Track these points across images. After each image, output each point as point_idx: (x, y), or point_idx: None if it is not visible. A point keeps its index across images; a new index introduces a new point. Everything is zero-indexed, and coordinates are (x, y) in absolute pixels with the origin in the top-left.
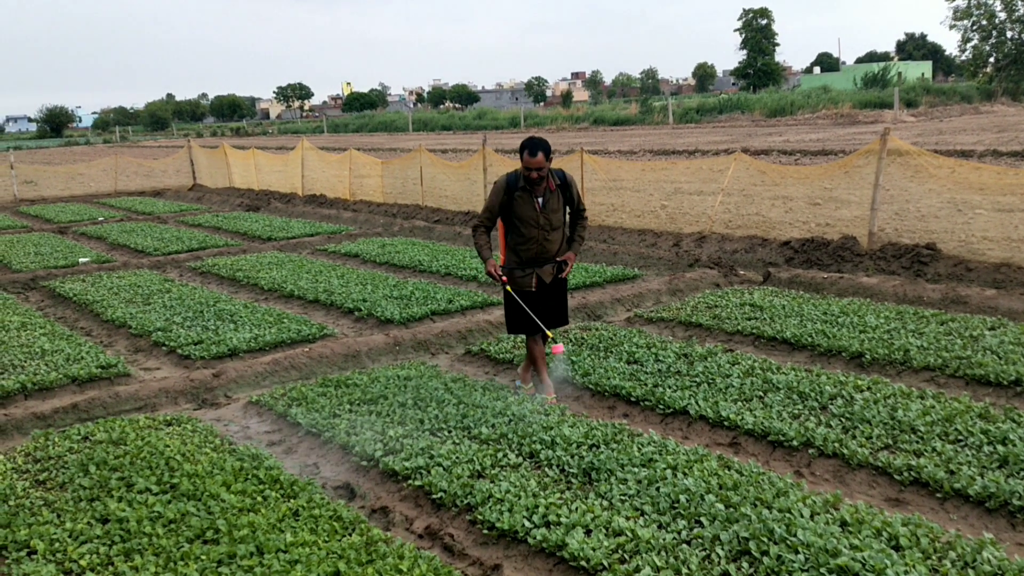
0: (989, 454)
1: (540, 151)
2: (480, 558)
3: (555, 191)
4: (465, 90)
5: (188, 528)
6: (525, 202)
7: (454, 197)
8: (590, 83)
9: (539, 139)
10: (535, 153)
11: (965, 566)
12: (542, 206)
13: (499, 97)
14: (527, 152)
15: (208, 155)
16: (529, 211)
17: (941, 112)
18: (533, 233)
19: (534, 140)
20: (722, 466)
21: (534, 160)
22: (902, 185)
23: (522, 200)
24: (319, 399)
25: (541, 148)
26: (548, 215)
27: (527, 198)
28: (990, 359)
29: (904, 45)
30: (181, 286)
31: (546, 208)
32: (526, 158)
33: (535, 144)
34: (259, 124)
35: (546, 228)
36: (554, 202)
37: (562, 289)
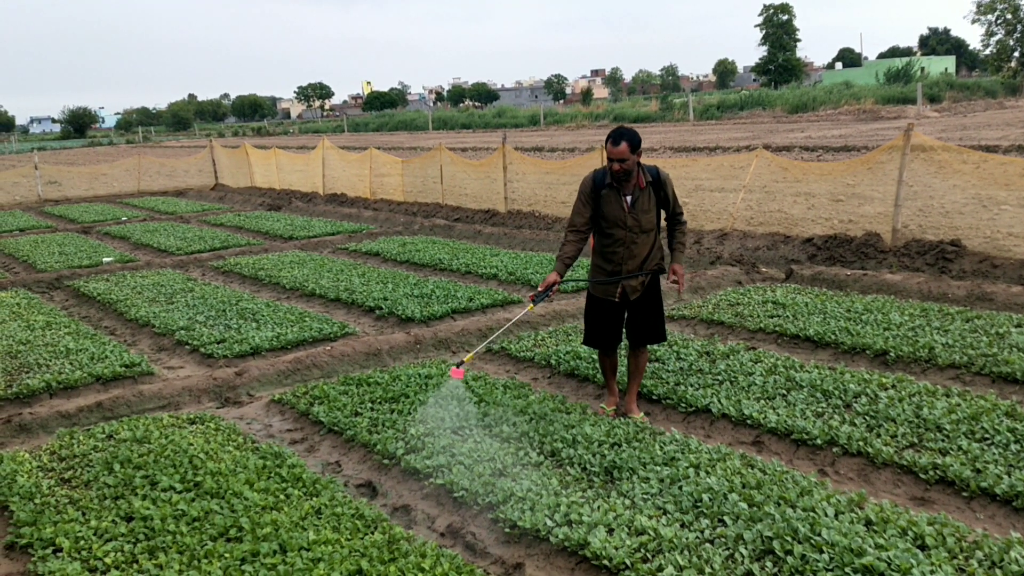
0: (1016, 453)
1: (624, 140)
2: (502, 556)
3: (645, 189)
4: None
5: (212, 526)
6: (612, 200)
7: (474, 196)
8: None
9: (626, 128)
10: (618, 142)
11: (992, 566)
12: (631, 205)
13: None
14: (609, 142)
15: (230, 155)
16: (616, 210)
17: (965, 107)
18: (620, 235)
19: (619, 129)
20: (745, 465)
21: (616, 150)
22: (926, 181)
23: (609, 198)
24: (341, 397)
25: (625, 137)
26: (637, 215)
27: (614, 196)
28: (1016, 357)
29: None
30: (204, 285)
31: (635, 207)
32: (608, 148)
33: (619, 133)
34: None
35: (635, 230)
36: (644, 201)
37: (655, 302)
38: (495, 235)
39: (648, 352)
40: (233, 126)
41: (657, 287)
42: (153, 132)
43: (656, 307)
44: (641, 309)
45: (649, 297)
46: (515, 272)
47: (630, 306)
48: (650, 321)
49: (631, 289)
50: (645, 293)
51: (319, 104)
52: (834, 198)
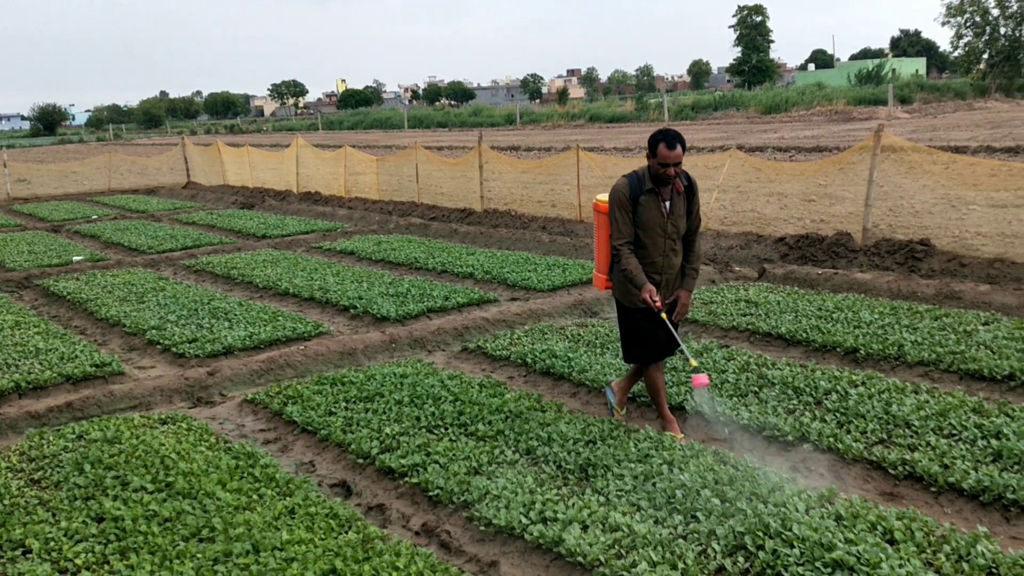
0: (983, 448)
1: (679, 144)
2: (477, 555)
3: (682, 194)
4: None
5: (184, 526)
6: (651, 207)
7: (450, 194)
8: (586, 80)
9: (675, 131)
10: (673, 146)
11: (959, 560)
12: (669, 211)
13: (495, 94)
14: (664, 145)
15: (202, 153)
16: (655, 216)
17: (935, 108)
18: (659, 243)
19: (671, 132)
20: (718, 461)
21: (672, 154)
22: (896, 181)
23: (648, 204)
24: (315, 397)
25: (680, 141)
26: (675, 221)
27: (654, 201)
28: (984, 354)
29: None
30: (175, 284)
31: (673, 213)
32: (663, 152)
33: (673, 136)
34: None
35: (673, 237)
36: (680, 207)
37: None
38: (471, 234)
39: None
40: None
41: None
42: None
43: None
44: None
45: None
46: (491, 271)
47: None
48: (678, 330)
49: (666, 292)
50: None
51: (293, 102)
52: (806, 198)
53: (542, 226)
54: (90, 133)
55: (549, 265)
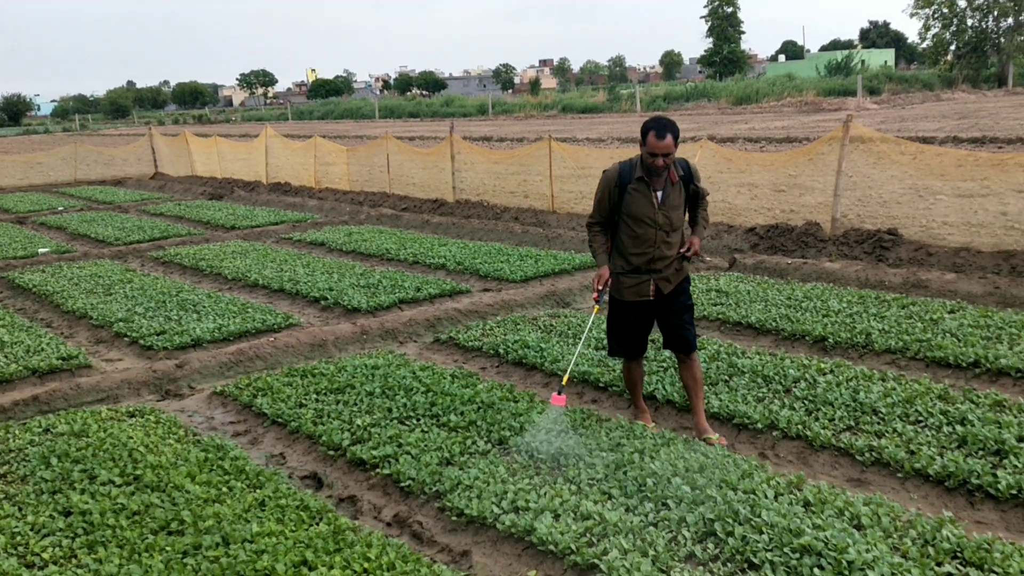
0: (948, 434)
1: (669, 133)
2: (449, 544)
3: (677, 184)
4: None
5: (152, 519)
6: (641, 196)
7: (422, 185)
8: (558, 71)
9: (667, 120)
10: (663, 135)
11: (925, 544)
12: (661, 201)
13: (467, 84)
14: (653, 133)
15: (170, 143)
16: (645, 207)
17: (903, 99)
18: (649, 234)
19: (662, 120)
20: (688, 449)
21: (662, 144)
22: (865, 172)
23: (637, 194)
24: (285, 389)
25: (671, 130)
26: (668, 212)
27: (644, 191)
28: (949, 342)
29: (867, 33)
30: (143, 276)
31: (666, 204)
32: (652, 141)
33: (664, 125)
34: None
35: (665, 228)
36: (675, 197)
37: (685, 304)
38: (443, 225)
39: (699, 359)
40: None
41: (688, 284)
42: (91, 120)
43: (690, 307)
44: (675, 307)
45: (681, 295)
46: (463, 262)
47: (663, 304)
48: (686, 321)
49: (664, 284)
50: (678, 287)
51: (262, 92)
52: (776, 188)
53: (514, 217)
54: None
55: (521, 256)
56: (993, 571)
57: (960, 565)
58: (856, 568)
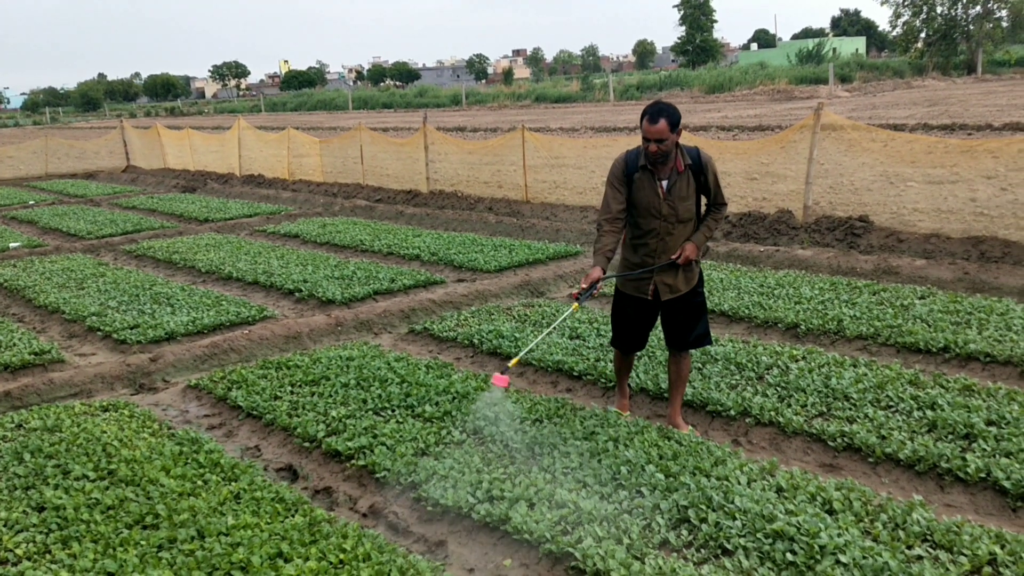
0: (919, 419)
1: (663, 117)
2: (425, 534)
3: (684, 173)
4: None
5: (127, 514)
6: (646, 185)
7: (396, 176)
8: (531, 60)
9: (664, 103)
10: (655, 119)
11: (896, 527)
12: (667, 191)
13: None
14: (647, 119)
15: (141, 136)
16: (650, 197)
17: (874, 87)
18: (653, 225)
19: (657, 104)
20: (662, 437)
21: (654, 128)
22: (836, 159)
23: (642, 183)
24: (259, 381)
25: (664, 114)
26: (674, 203)
27: (648, 180)
28: (920, 327)
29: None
30: (116, 270)
31: (672, 194)
32: (645, 126)
33: (659, 110)
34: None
35: (671, 219)
36: (683, 187)
37: (696, 302)
38: (417, 216)
39: (691, 358)
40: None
41: (700, 285)
42: (62, 113)
43: (698, 308)
44: (679, 310)
45: (688, 297)
46: (438, 253)
47: (664, 306)
48: (690, 323)
49: (664, 288)
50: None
51: (235, 83)
52: (749, 176)
53: (489, 207)
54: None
55: (496, 246)
56: (962, 553)
57: (930, 548)
58: (828, 552)
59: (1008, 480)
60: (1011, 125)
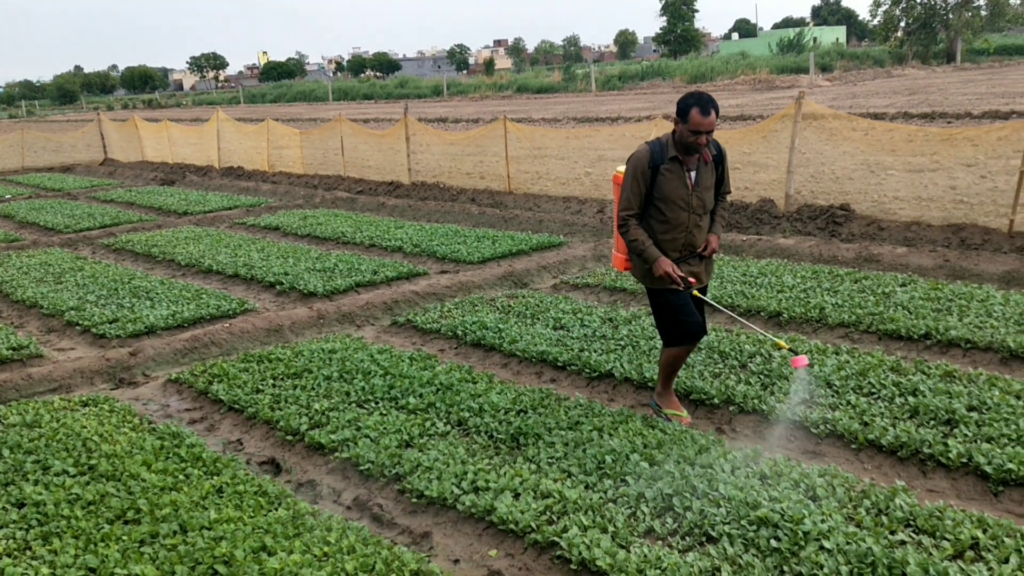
0: (900, 405)
1: (712, 109)
2: (409, 526)
3: (710, 164)
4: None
5: (108, 509)
6: (675, 177)
7: (377, 167)
8: (513, 51)
9: (708, 95)
10: (708, 111)
11: (879, 513)
12: (695, 182)
13: (421, 65)
14: (697, 110)
15: (119, 128)
16: (679, 189)
17: (855, 76)
18: (682, 218)
19: (704, 96)
20: (647, 426)
21: (707, 120)
22: (817, 148)
23: (671, 175)
24: (241, 375)
25: (714, 105)
26: (701, 194)
27: (678, 172)
28: (901, 314)
29: (819, 11)
30: (94, 264)
31: (699, 185)
32: (696, 118)
33: (708, 101)
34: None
35: (699, 211)
36: (707, 178)
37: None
38: (399, 207)
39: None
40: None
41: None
42: (38, 106)
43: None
44: (696, 301)
45: (702, 290)
46: (420, 244)
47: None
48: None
49: (698, 274)
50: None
51: (213, 75)
52: (731, 166)
53: (471, 198)
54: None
55: (479, 237)
56: (945, 538)
57: (913, 533)
58: (812, 538)
59: (989, 465)
60: (990, 113)
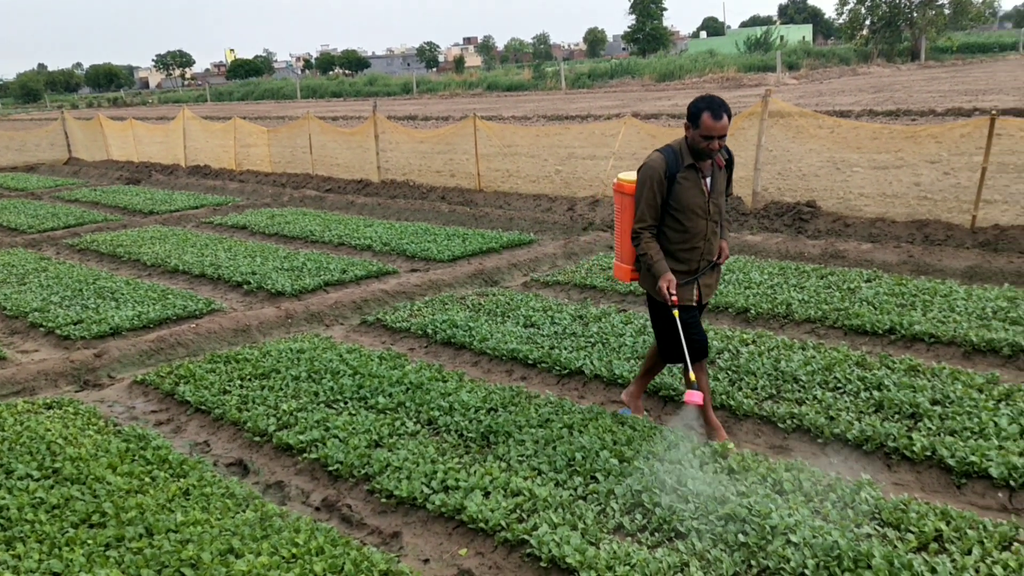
0: (866, 400)
1: (725, 113)
2: (379, 527)
3: (722, 169)
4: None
5: (73, 513)
6: (691, 185)
7: (346, 165)
8: (483, 48)
9: (719, 98)
10: (720, 116)
11: (845, 506)
12: (711, 189)
13: (390, 63)
14: (709, 114)
15: (84, 127)
16: (696, 197)
17: (821, 74)
18: (700, 226)
19: (716, 100)
20: (616, 422)
21: (719, 125)
22: (784, 146)
23: (687, 183)
24: (208, 376)
25: (726, 109)
26: (716, 200)
27: (695, 180)
28: (866, 310)
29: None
30: (58, 264)
31: (714, 191)
32: (708, 123)
33: (719, 105)
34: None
35: (715, 218)
36: (720, 183)
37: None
38: (368, 205)
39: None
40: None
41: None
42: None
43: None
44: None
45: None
46: (390, 242)
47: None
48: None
49: (707, 290)
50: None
51: (179, 73)
52: None
53: (441, 196)
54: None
55: (449, 235)
56: (910, 530)
57: (878, 526)
58: (779, 532)
59: (953, 458)
60: (953, 110)
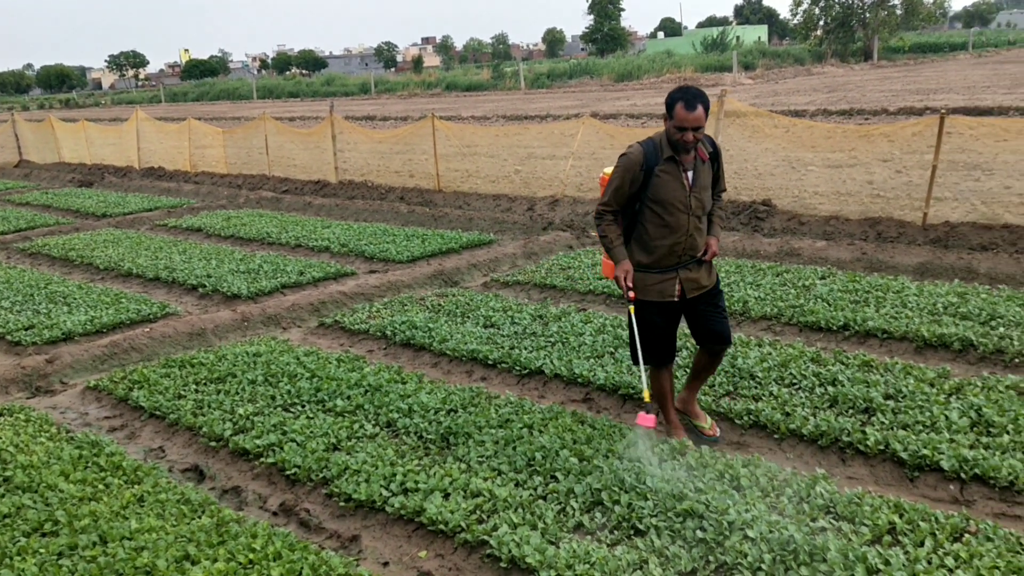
0: (820, 395)
1: (699, 103)
2: (338, 530)
3: (707, 162)
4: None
5: (24, 521)
6: (671, 179)
7: (303, 166)
8: (441, 48)
9: (696, 89)
10: (694, 106)
11: (800, 501)
12: (692, 182)
13: (348, 63)
14: (682, 104)
15: (35, 129)
16: (677, 191)
17: (776, 74)
18: (681, 221)
19: (691, 90)
20: (576, 421)
21: (692, 116)
22: (740, 145)
23: (667, 176)
24: (162, 380)
25: (701, 101)
26: (699, 194)
27: (674, 173)
28: (821, 306)
29: (741, 10)
30: (8, 269)
31: (696, 185)
32: (681, 113)
33: (694, 95)
34: (91, 95)
35: (697, 213)
36: (705, 177)
37: (716, 296)
38: (326, 206)
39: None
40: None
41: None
42: None
43: (720, 297)
44: (707, 302)
45: (712, 290)
46: (348, 244)
47: (689, 304)
48: (721, 312)
49: (690, 285)
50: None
51: (133, 74)
52: None
53: (400, 196)
54: None
55: (408, 236)
56: (864, 523)
57: (833, 519)
58: (736, 528)
59: (905, 451)
60: (905, 109)
